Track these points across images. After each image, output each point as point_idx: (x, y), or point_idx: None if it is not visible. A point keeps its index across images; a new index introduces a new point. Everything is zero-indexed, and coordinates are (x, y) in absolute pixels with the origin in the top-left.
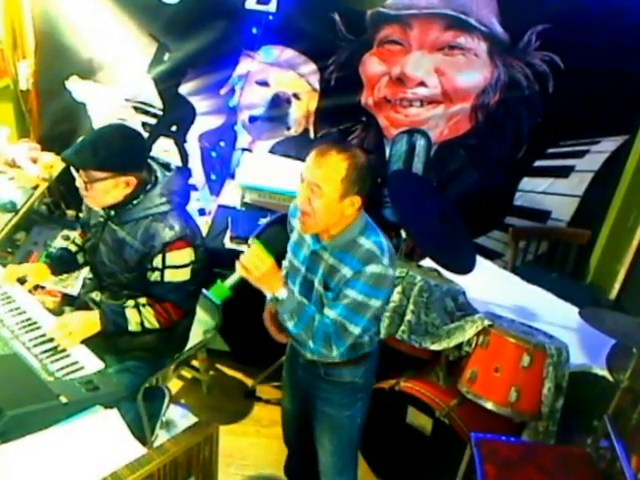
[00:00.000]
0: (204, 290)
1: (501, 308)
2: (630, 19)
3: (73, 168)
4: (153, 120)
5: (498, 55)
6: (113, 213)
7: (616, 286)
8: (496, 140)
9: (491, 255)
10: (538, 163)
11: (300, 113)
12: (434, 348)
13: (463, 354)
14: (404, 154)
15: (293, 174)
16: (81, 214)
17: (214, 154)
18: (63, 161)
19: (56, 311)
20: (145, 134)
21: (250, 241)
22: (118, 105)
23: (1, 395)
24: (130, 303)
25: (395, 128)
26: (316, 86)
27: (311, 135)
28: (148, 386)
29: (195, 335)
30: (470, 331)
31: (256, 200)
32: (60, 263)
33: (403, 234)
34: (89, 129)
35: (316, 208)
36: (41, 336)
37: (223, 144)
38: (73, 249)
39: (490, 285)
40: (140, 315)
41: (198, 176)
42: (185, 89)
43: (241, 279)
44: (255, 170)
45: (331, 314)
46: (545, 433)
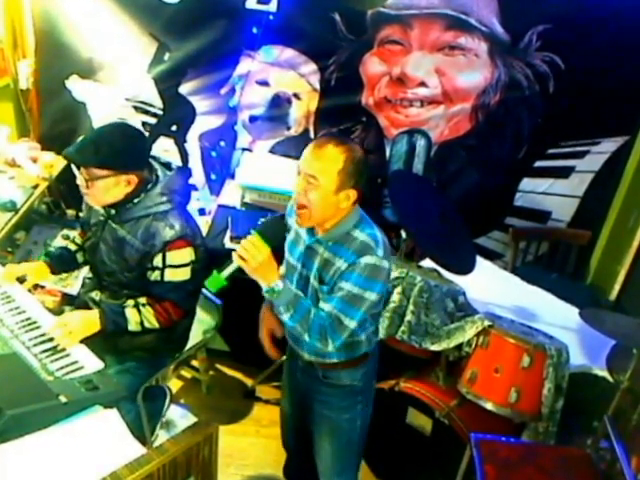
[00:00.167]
0: (204, 290)
1: (501, 309)
2: (630, 19)
3: (74, 166)
4: (153, 120)
5: (499, 55)
6: (113, 212)
7: (616, 287)
8: (496, 140)
9: (491, 255)
10: (538, 163)
11: (300, 113)
12: (434, 348)
13: (463, 354)
14: (404, 154)
15: (293, 174)
16: (81, 213)
17: (214, 154)
18: (65, 158)
19: (56, 310)
20: (145, 134)
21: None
22: (118, 105)
23: (1, 394)
24: (130, 303)
25: (395, 128)
26: (316, 86)
27: (311, 135)
28: (148, 386)
29: (195, 335)
30: (470, 332)
31: (256, 200)
32: (59, 262)
33: (403, 234)
34: (89, 128)
35: (312, 200)
36: (41, 335)
37: (223, 144)
38: (73, 248)
39: (490, 286)
40: (140, 315)
41: (198, 176)
42: (185, 89)
43: (237, 269)
44: (255, 170)
45: (326, 307)
46: (545, 434)
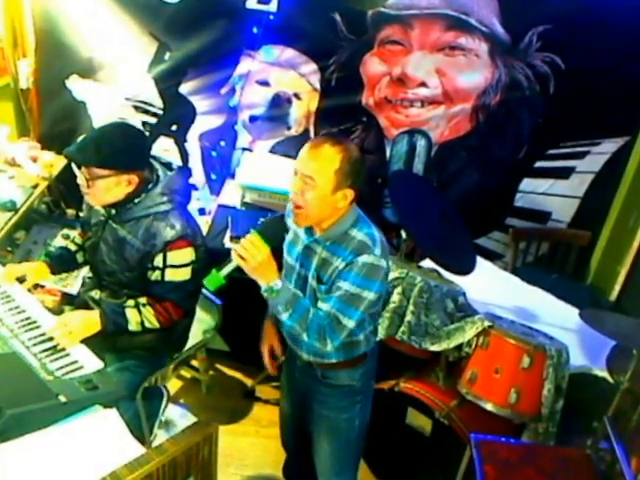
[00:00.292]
0: (204, 290)
1: (501, 309)
2: (631, 20)
3: (75, 165)
4: (153, 119)
5: (499, 56)
6: (114, 212)
7: (616, 287)
8: (497, 141)
9: (491, 256)
10: (539, 164)
11: (301, 113)
12: (434, 349)
13: (463, 355)
14: (405, 154)
15: (292, 174)
16: (81, 213)
17: (214, 154)
18: (66, 157)
19: (55, 310)
20: (146, 133)
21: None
22: (118, 104)
23: (0, 394)
24: (130, 303)
25: (396, 128)
26: (317, 86)
27: (312, 135)
28: (147, 386)
29: (195, 335)
30: (470, 332)
31: (256, 200)
32: (59, 262)
33: (403, 234)
34: (89, 128)
35: (309, 200)
36: (40, 335)
37: (223, 144)
38: (73, 248)
39: (490, 286)
40: (140, 315)
41: (198, 175)
42: (185, 88)
43: (236, 268)
44: (255, 170)
45: (324, 307)
46: (545, 434)
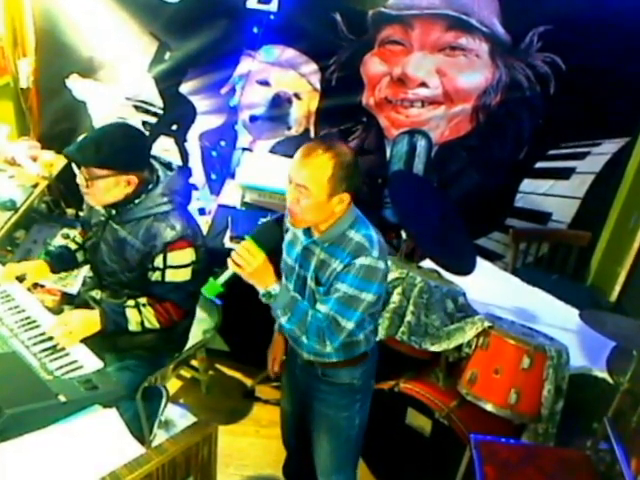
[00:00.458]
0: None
1: (501, 310)
2: (631, 20)
3: (75, 165)
4: (153, 119)
5: (499, 56)
6: (114, 212)
7: (617, 288)
8: (497, 141)
9: (491, 256)
10: (539, 164)
11: (301, 113)
12: (434, 349)
13: (463, 355)
14: (405, 155)
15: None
16: (81, 213)
17: (214, 153)
18: (65, 157)
19: (55, 310)
20: (146, 133)
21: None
22: (118, 104)
23: (0, 394)
24: (130, 303)
25: (396, 129)
26: (317, 86)
27: (312, 135)
28: (147, 385)
29: (195, 335)
30: (470, 332)
31: (256, 200)
32: (59, 261)
33: (403, 235)
34: (89, 128)
35: (304, 208)
36: (40, 335)
37: (223, 143)
38: (73, 247)
39: (490, 286)
40: (140, 315)
41: (198, 175)
42: (186, 88)
43: (233, 275)
44: (255, 170)
45: (323, 309)
46: (545, 435)
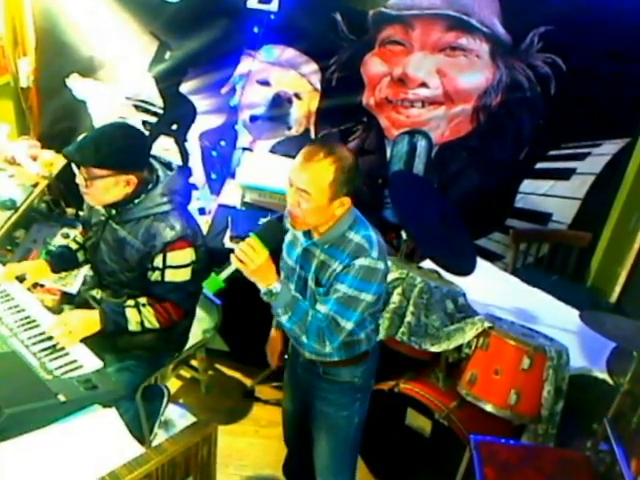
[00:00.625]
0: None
1: (501, 310)
2: (632, 21)
3: (74, 165)
4: (154, 119)
5: (500, 56)
6: (114, 212)
7: (617, 289)
8: (497, 142)
9: (492, 257)
10: (539, 165)
11: (301, 113)
12: (434, 350)
13: (463, 356)
14: (405, 155)
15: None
16: (81, 212)
17: (215, 153)
18: (64, 157)
19: (55, 309)
20: (146, 132)
21: None
22: (119, 103)
23: None
24: (130, 303)
25: (396, 129)
26: (317, 86)
27: (312, 135)
28: (147, 385)
29: (194, 335)
30: (470, 333)
31: (256, 200)
32: (60, 261)
33: (403, 235)
34: (89, 127)
35: (305, 211)
36: (40, 334)
37: (224, 143)
38: (74, 247)
39: (490, 287)
40: (140, 315)
41: (198, 175)
42: (186, 88)
43: (235, 271)
44: (255, 170)
45: (323, 309)
46: (545, 436)
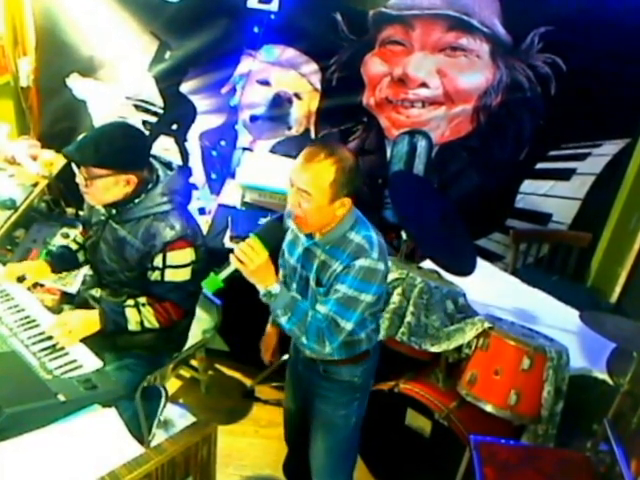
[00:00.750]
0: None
1: (501, 310)
2: (632, 21)
3: (74, 164)
4: (154, 118)
5: (500, 57)
6: (114, 212)
7: (617, 289)
8: (497, 142)
9: (492, 257)
10: (539, 165)
11: (301, 113)
12: (434, 350)
13: (463, 356)
14: (405, 155)
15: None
16: (81, 212)
17: (215, 153)
18: (64, 156)
19: (55, 309)
20: (146, 132)
21: None
22: (119, 103)
23: None
24: (130, 302)
25: (396, 129)
26: (317, 86)
27: (312, 135)
28: (146, 385)
29: (194, 335)
30: (470, 333)
31: (256, 200)
32: (60, 261)
33: (403, 235)
34: (89, 127)
35: (307, 211)
36: (40, 334)
37: (224, 143)
38: (74, 247)
39: (490, 287)
40: (140, 314)
41: (198, 175)
42: (186, 88)
43: (235, 272)
44: (256, 170)
45: (322, 309)
46: (544, 436)
